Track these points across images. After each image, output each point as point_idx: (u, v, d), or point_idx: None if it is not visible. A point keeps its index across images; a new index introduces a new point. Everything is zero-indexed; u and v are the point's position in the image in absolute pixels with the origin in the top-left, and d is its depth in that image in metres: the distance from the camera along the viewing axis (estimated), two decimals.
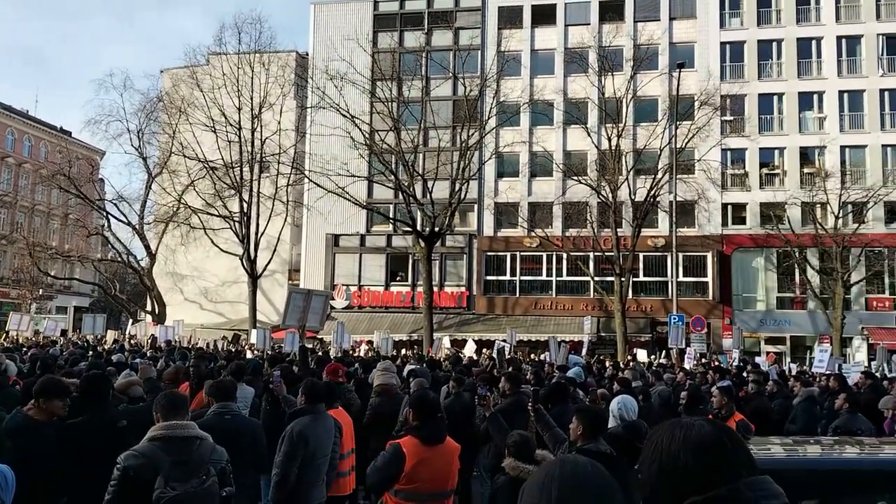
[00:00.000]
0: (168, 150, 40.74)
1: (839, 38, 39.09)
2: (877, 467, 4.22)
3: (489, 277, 40.81)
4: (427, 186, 34.90)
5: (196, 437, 4.49)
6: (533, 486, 1.97)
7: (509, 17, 42.10)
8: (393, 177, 36.10)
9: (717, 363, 21.86)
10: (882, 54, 38.72)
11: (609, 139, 34.93)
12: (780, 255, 37.68)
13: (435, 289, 37.38)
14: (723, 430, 1.96)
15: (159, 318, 38.49)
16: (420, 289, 37.28)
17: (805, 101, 39.19)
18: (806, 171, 38.46)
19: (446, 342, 29.71)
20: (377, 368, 9.32)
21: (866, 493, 4.01)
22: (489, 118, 36.84)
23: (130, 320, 37.04)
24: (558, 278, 39.82)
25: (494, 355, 21.21)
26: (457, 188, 34.59)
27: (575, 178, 36.89)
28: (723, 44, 40.12)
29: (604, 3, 41.10)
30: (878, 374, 18.30)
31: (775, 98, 39.48)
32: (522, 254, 40.29)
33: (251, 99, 39.64)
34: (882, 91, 38.33)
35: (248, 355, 19.02)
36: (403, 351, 27.27)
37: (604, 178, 35.38)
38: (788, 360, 34.33)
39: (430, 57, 41.55)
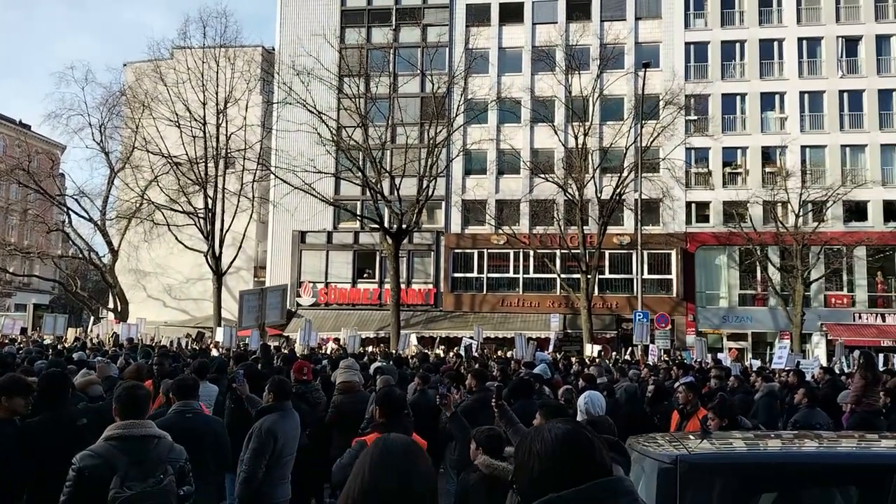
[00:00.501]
0: (131, 145, 40.07)
1: (800, 40, 39.80)
2: (834, 461, 4.31)
3: (456, 274, 40.86)
4: (394, 183, 34.80)
5: (154, 435, 4.41)
6: (354, 470, 2.23)
7: (477, 15, 42.15)
8: (360, 173, 35.94)
9: (680, 358, 22.17)
10: (841, 56, 39.51)
11: (576, 137, 35.19)
12: (742, 252, 38.29)
13: (402, 286, 37.35)
14: (582, 430, 2.15)
15: (122, 316, 37.92)
16: (387, 286, 37.20)
17: (767, 101, 39.85)
18: (767, 170, 39.11)
19: (414, 339, 29.69)
20: (340, 366, 9.28)
21: (824, 486, 4.09)
22: (457, 115, 36.89)
23: (92, 318, 36.42)
24: (525, 275, 40.01)
25: (462, 353, 21.28)
26: (424, 185, 34.56)
27: (542, 175, 37.13)
28: (687, 44, 40.61)
29: (571, 3, 41.32)
30: (836, 370, 18.69)
31: (738, 98, 40.08)
32: (490, 251, 40.41)
33: (216, 94, 39.14)
34: (841, 92, 39.12)
35: (214, 353, 18.82)
36: (370, 348, 27.20)
37: (570, 175, 35.64)
38: (750, 355, 34.91)
39: (398, 53, 41.45)
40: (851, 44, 39.64)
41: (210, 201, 38.77)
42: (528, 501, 2.06)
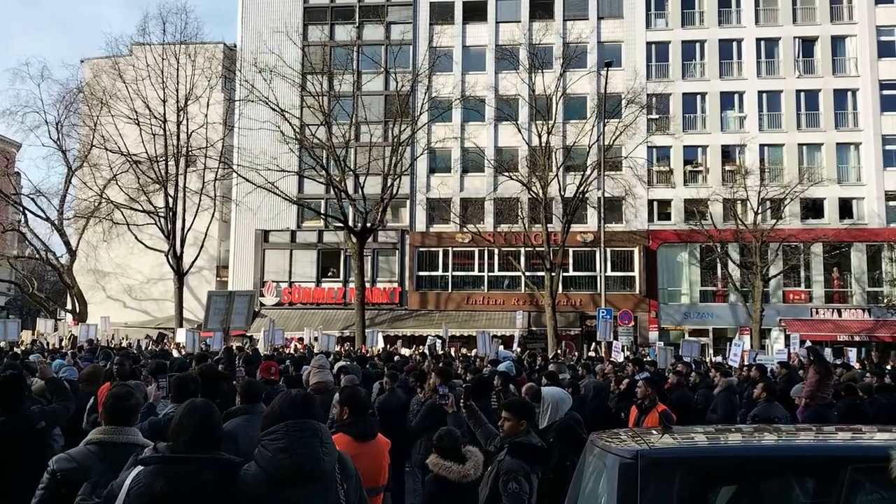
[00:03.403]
0: (89, 143, 39.33)
1: (758, 41, 40.51)
2: (792, 453, 4.39)
3: (421, 273, 40.85)
4: (359, 182, 34.67)
5: (136, 444, 4.29)
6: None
7: (441, 13, 42.13)
8: (324, 172, 35.73)
9: (644, 354, 22.40)
10: (798, 56, 40.30)
11: (539, 136, 35.37)
12: (703, 249, 38.83)
13: (367, 285, 37.24)
14: (297, 392, 3.82)
15: (80, 317, 37.21)
16: (352, 285, 37.03)
17: (726, 100, 40.49)
18: (727, 168, 39.74)
19: (381, 339, 29.61)
20: (312, 365, 9.14)
21: (783, 479, 4.16)
22: (421, 114, 36.85)
23: (47, 320, 35.58)
24: (490, 273, 40.15)
25: (426, 351, 21.28)
26: (389, 183, 34.49)
27: (506, 174, 37.30)
28: (649, 43, 41.08)
29: (534, 2, 41.53)
30: (794, 364, 19.03)
31: (698, 97, 40.66)
32: (454, 249, 40.46)
33: (176, 91, 38.62)
34: (798, 92, 39.89)
35: (175, 354, 18.57)
36: (336, 347, 27.04)
37: (534, 174, 35.83)
38: (711, 351, 35.46)
39: (362, 51, 41.29)
40: (808, 44, 40.45)
41: (171, 200, 38.25)
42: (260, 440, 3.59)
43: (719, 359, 25.45)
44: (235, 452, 5.93)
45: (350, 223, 34.56)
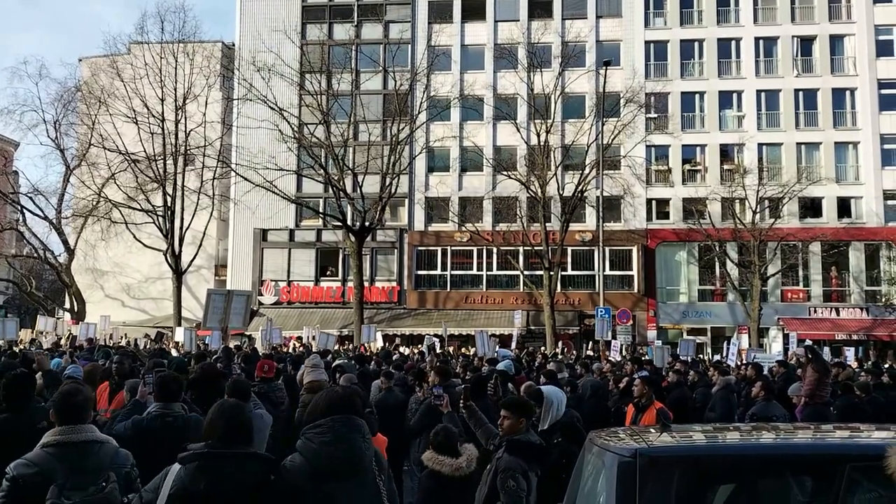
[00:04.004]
0: (87, 142, 39.26)
1: (757, 40, 40.51)
2: (791, 452, 4.39)
3: (420, 272, 40.83)
4: (357, 181, 34.67)
5: (95, 440, 4.21)
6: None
7: (439, 12, 42.09)
8: (322, 171, 35.72)
9: (641, 353, 22.42)
10: (797, 55, 40.31)
11: (538, 135, 35.38)
12: (701, 248, 38.83)
13: (366, 284, 37.23)
14: (337, 389, 4.23)
15: (79, 316, 37.19)
16: (350, 284, 37.05)
17: (725, 99, 40.48)
18: (726, 167, 39.75)
19: (379, 337, 29.60)
20: (306, 365, 9.17)
21: (780, 477, 4.16)
22: (419, 112, 36.85)
23: (45, 319, 35.53)
24: (489, 273, 40.13)
25: (425, 350, 21.31)
26: (387, 183, 34.49)
27: (505, 173, 37.30)
28: (647, 42, 41.07)
29: (532, 0, 41.53)
30: (792, 363, 19.05)
31: (697, 96, 40.65)
32: (453, 248, 40.44)
33: (175, 90, 38.55)
34: (797, 91, 39.89)
35: (174, 353, 18.53)
36: (336, 346, 27.03)
37: (533, 173, 35.83)
38: (709, 350, 35.51)
39: (360, 50, 41.26)
40: (806, 43, 40.46)
41: (169, 199, 38.20)
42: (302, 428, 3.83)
43: (717, 357, 25.51)
44: None
45: (349, 222, 34.57)
